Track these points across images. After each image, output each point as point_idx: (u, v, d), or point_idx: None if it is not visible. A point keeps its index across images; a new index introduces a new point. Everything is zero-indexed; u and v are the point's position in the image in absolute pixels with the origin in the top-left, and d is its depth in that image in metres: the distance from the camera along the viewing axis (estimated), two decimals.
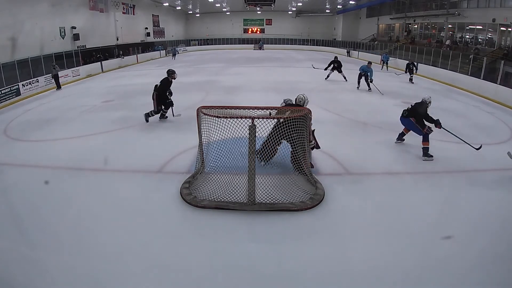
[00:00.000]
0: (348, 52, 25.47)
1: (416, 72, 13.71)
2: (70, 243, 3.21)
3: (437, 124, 5.18)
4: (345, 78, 12.62)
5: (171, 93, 7.06)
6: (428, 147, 5.21)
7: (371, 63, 11.27)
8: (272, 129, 4.36)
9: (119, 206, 3.86)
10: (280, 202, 3.77)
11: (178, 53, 25.03)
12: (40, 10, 13.71)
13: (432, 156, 5.18)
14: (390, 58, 17.86)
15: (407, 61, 14.11)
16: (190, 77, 13.56)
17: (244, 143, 3.73)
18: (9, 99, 10.01)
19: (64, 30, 15.87)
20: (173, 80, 7.05)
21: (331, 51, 28.68)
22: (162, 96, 6.98)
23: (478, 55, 13.52)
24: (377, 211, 3.76)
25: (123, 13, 22.28)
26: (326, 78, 12.97)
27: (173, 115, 7.21)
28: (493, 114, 8.49)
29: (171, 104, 7.10)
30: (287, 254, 3.07)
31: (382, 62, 17.68)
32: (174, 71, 7.10)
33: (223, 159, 4.14)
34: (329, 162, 5.02)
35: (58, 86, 10.02)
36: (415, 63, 13.71)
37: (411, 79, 13.14)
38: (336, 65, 12.62)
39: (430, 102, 5.47)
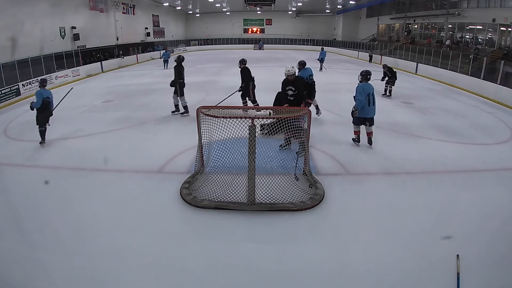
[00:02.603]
0: (370, 57, 21.28)
1: (391, 83, 10.08)
2: (70, 243, 3.21)
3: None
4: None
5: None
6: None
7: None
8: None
9: (119, 206, 3.86)
10: (280, 202, 3.77)
11: (170, 57, 17.32)
12: (40, 10, 13.70)
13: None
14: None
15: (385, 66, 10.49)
16: (190, 77, 13.47)
17: (244, 143, 3.73)
18: (9, 99, 10.01)
19: (64, 30, 15.86)
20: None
21: (331, 51, 28.71)
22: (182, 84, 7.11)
23: (478, 55, 13.51)
24: (377, 211, 3.76)
25: (123, 13, 22.27)
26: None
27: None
28: (493, 114, 8.48)
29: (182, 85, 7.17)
30: (287, 254, 3.07)
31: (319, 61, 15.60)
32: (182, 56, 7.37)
33: (223, 159, 4.14)
34: (329, 162, 5.02)
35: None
36: (391, 71, 10.13)
37: (386, 91, 10.23)
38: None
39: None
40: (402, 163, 5.05)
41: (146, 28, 25.89)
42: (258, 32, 35.64)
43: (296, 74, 5.59)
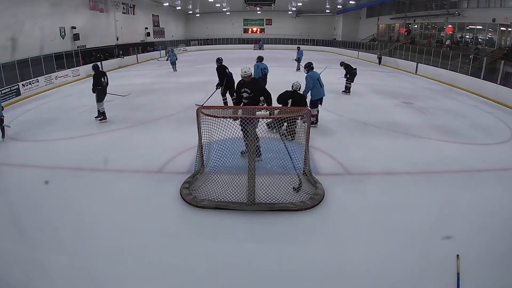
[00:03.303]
0: (379, 59, 20.00)
1: (349, 80, 10.21)
2: (70, 243, 3.21)
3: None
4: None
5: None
6: None
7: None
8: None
9: (119, 206, 3.86)
10: (280, 202, 3.77)
11: (177, 58, 16.36)
12: (40, 10, 13.69)
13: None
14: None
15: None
16: (190, 77, 13.56)
17: (244, 143, 3.73)
18: (9, 99, 10.00)
19: (64, 30, 15.85)
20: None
21: (331, 51, 28.70)
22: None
23: (478, 55, 13.51)
24: (377, 211, 3.76)
25: (123, 13, 22.25)
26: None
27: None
28: (493, 114, 8.48)
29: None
30: (287, 254, 3.07)
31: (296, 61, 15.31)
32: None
33: (223, 159, 4.14)
34: (329, 162, 5.02)
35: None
36: (349, 67, 10.19)
37: (346, 88, 10.36)
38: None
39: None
40: (402, 163, 5.04)
41: (146, 28, 25.88)
42: (258, 32, 35.61)
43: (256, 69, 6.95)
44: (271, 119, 4.81)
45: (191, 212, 3.69)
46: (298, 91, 5.90)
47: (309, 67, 6.67)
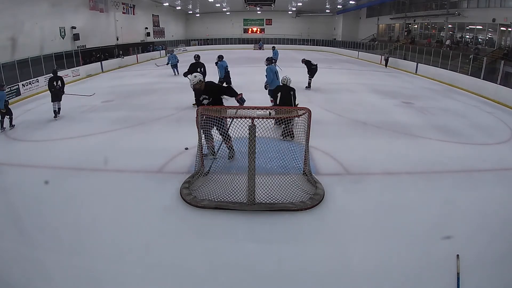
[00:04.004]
0: (386, 61, 18.55)
1: (311, 76, 10.72)
2: (70, 243, 3.21)
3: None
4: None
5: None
6: None
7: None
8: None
9: (119, 206, 3.86)
10: (280, 202, 3.77)
11: (178, 60, 14.83)
12: (40, 10, 13.69)
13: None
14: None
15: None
16: None
17: (244, 143, 3.73)
18: (9, 99, 9.97)
19: (64, 30, 15.85)
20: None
21: (331, 51, 28.71)
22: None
23: (478, 55, 13.51)
24: (377, 211, 3.76)
25: (123, 13, 22.25)
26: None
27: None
28: (493, 114, 8.49)
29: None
30: (287, 254, 3.07)
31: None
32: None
33: (223, 159, 4.14)
34: (329, 162, 5.02)
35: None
36: (308, 63, 10.70)
37: (308, 85, 10.77)
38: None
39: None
40: (402, 163, 5.04)
41: (146, 28, 25.88)
42: (258, 32, 35.61)
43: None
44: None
45: (191, 212, 3.69)
46: (287, 85, 6.17)
47: (270, 61, 7.94)
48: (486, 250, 3.11)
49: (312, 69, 10.70)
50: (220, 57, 9.05)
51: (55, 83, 7.71)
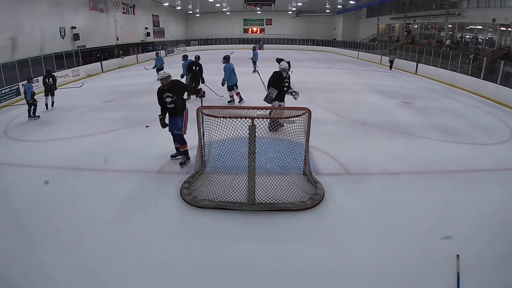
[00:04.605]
0: (391, 63, 17.57)
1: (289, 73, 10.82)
2: (70, 243, 3.21)
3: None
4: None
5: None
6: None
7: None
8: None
9: (119, 206, 3.86)
10: (280, 202, 3.77)
11: (164, 63, 13.21)
12: (40, 10, 13.69)
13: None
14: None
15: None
16: None
17: (244, 143, 3.73)
18: (9, 99, 10.01)
19: (64, 30, 15.85)
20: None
21: (331, 51, 28.70)
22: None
23: (478, 55, 13.51)
24: (377, 211, 3.76)
25: (123, 13, 22.24)
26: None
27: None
28: (493, 114, 8.48)
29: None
30: (287, 254, 3.07)
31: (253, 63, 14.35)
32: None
33: (223, 159, 4.14)
34: (329, 162, 5.02)
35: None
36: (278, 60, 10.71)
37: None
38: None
39: None
40: (402, 163, 5.05)
41: (146, 28, 25.87)
42: (258, 32, 35.61)
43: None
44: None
45: (191, 212, 3.69)
46: (288, 72, 6.16)
47: (227, 59, 8.40)
48: (486, 250, 3.11)
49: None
50: (185, 57, 9.62)
51: (47, 80, 8.58)
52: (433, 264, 2.89)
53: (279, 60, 11.29)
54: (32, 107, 7.72)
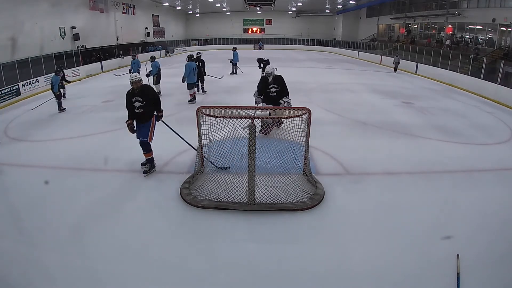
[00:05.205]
0: (396, 65, 16.80)
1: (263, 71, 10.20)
2: (70, 243, 3.21)
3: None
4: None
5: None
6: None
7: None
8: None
9: (119, 206, 3.86)
10: (280, 202, 3.77)
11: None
12: (40, 10, 13.68)
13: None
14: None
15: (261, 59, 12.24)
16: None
17: (244, 143, 3.73)
18: (9, 99, 10.01)
19: (64, 30, 15.85)
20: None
21: (331, 51, 28.71)
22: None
23: (478, 55, 13.51)
24: (377, 211, 3.76)
25: (123, 13, 22.24)
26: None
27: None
28: (493, 114, 8.49)
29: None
30: (287, 254, 3.07)
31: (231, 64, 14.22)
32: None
33: (223, 159, 4.14)
34: (329, 162, 5.02)
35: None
36: (264, 60, 11.88)
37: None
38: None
39: None
40: (402, 163, 5.05)
41: (146, 28, 25.87)
42: (258, 32, 35.61)
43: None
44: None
45: (191, 212, 3.69)
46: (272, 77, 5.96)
47: (190, 58, 8.82)
48: (486, 250, 3.11)
49: (264, 64, 11.44)
50: (153, 58, 10.10)
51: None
52: (433, 264, 2.89)
53: (260, 60, 11.79)
54: (60, 98, 8.37)
